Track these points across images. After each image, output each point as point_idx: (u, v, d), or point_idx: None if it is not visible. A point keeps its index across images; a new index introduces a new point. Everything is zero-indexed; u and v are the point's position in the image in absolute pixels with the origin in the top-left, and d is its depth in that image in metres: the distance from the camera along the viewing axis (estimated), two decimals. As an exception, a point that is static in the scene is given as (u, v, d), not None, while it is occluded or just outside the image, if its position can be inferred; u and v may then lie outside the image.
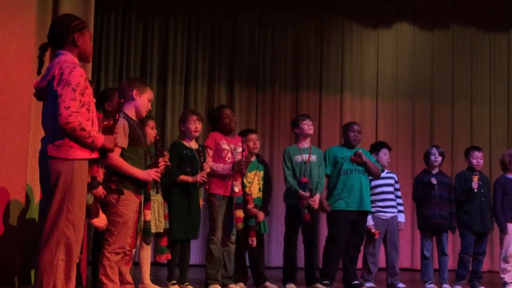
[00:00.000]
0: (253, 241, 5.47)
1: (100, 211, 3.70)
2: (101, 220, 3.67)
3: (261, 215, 5.65)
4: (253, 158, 5.77)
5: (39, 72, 3.26)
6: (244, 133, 5.85)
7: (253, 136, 5.80)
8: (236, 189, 5.26)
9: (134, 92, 3.85)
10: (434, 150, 6.43)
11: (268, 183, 5.90)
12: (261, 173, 5.76)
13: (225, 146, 5.36)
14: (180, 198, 5.10)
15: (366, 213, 5.89)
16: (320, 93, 9.09)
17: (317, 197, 5.72)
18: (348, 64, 9.20)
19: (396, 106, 9.25)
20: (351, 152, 5.88)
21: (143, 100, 3.88)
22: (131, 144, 3.76)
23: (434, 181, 6.16)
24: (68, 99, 3.02)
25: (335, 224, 5.79)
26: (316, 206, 5.68)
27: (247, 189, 5.55)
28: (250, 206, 5.50)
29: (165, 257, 4.96)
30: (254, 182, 5.66)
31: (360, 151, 5.87)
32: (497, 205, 6.42)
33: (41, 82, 3.17)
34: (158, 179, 3.95)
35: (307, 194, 5.62)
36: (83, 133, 3.07)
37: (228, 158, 5.34)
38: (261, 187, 5.75)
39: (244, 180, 5.54)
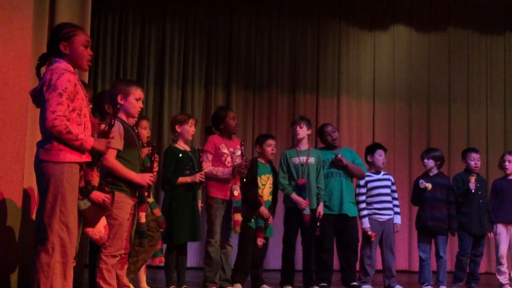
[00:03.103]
0: (261, 242, 5.52)
1: (99, 223, 3.68)
2: (95, 232, 3.65)
3: (271, 218, 5.68)
4: (266, 163, 5.84)
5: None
6: (262, 138, 5.92)
7: (271, 141, 5.87)
8: (236, 193, 5.27)
9: (119, 98, 3.83)
10: (423, 155, 6.50)
11: (276, 189, 5.93)
12: (273, 178, 5.82)
13: (225, 150, 5.36)
14: (183, 202, 5.10)
15: (348, 216, 5.92)
16: (317, 95, 9.09)
17: (320, 206, 5.77)
18: (345, 67, 9.21)
19: (393, 108, 9.26)
20: (333, 154, 5.95)
21: (130, 102, 3.86)
22: (126, 146, 3.77)
23: (422, 185, 6.19)
24: (54, 104, 3.07)
25: (320, 229, 5.81)
26: (320, 216, 5.76)
27: (259, 191, 5.61)
28: (263, 207, 5.54)
29: (158, 261, 4.96)
30: (267, 185, 5.70)
31: (340, 155, 5.90)
32: (491, 206, 6.47)
33: (36, 88, 3.23)
34: (152, 184, 3.95)
35: (300, 199, 5.65)
36: (69, 136, 3.10)
37: (228, 162, 5.34)
38: (272, 191, 5.79)
39: (258, 181, 5.62)
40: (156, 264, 5.02)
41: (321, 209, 5.78)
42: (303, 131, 5.91)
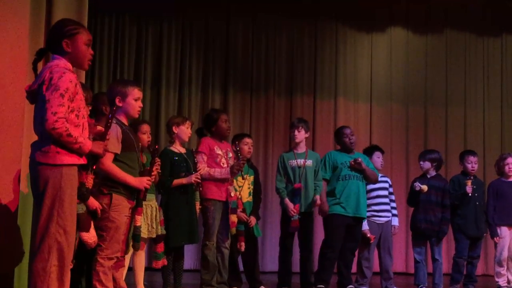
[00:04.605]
0: (242, 246, 5.50)
1: (92, 227, 3.66)
2: (90, 236, 3.63)
3: (252, 220, 5.67)
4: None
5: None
6: (239, 137, 5.88)
7: (248, 140, 5.85)
8: (232, 194, 5.26)
9: (117, 100, 3.79)
10: (419, 157, 6.50)
11: (258, 187, 5.92)
12: (251, 178, 5.80)
13: (219, 151, 5.35)
14: (179, 205, 5.09)
15: (361, 219, 5.90)
16: (314, 97, 9.09)
17: (317, 198, 5.74)
18: (342, 69, 9.21)
19: (390, 110, 9.26)
20: (349, 157, 5.89)
21: (128, 103, 3.81)
22: (125, 150, 3.74)
23: (417, 187, 6.19)
24: (55, 105, 3.01)
25: (331, 228, 5.81)
26: (317, 205, 5.73)
27: (237, 194, 5.56)
28: (239, 211, 5.52)
29: (161, 263, 4.94)
30: (244, 186, 5.68)
31: (360, 159, 5.88)
32: (489, 208, 6.46)
33: (33, 85, 3.17)
34: (149, 187, 3.92)
35: (290, 206, 5.64)
36: (69, 139, 3.05)
37: (223, 163, 5.33)
38: (251, 191, 5.77)
39: (234, 184, 5.56)
40: (159, 266, 5.00)
41: (318, 199, 5.74)
42: (301, 135, 5.90)
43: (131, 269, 5.00)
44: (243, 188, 5.68)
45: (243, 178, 5.53)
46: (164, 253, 4.98)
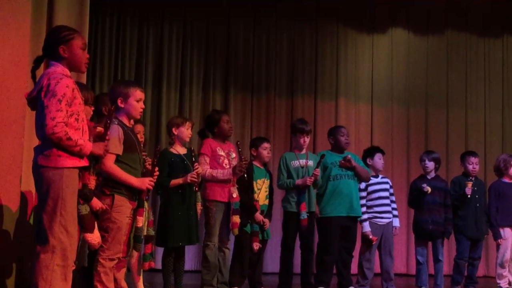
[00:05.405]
0: (257, 246, 5.51)
1: (96, 228, 3.68)
2: (94, 237, 3.65)
3: (267, 223, 5.68)
4: (261, 166, 5.86)
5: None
6: (257, 141, 5.94)
7: (267, 144, 5.90)
8: (234, 195, 5.28)
9: (119, 101, 3.81)
10: (424, 157, 6.47)
11: (272, 191, 5.94)
12: (268, 182, 5.83)
13: (221, 152, 5.38)
14: (177, 205, 5.09)
15: (356, 218, 5.90)
16: (315, 98, 9.08)
17: (317, 170, 5.68)
18: (343, 70, 9.21)
19: (391, 111, 9.25)
20: (339, 157, 5.90)
21: (130, 104, 3.82)
22: (127, 151, 3.75)
23: (425, 188, 6.17)
24: (54, 110, 3.09)
25: (325, 231, 5.80)
26: (317, 176, 5.69)
27: (255, 196, 5.60)
28: (257, 214, 5.54)
29: (148, 265, 4.90)
30: (262, 189, 5.71)
31: (349, 156, 5.89)
32: (491, 210, 6.46)
33: (32, 92, 3.27)
34: (151, 188, 3.92)
35: (305, 178, 5.65)
36: (69, 142, 3.13)
37: (226, 164, 5.34)
38: (268, 195, 5.80)
39: (254, 185, 5.61)
40: (146, 268, 4.96)
41: (317, 171, 5.71)
42: (308, 140, 5.95)
43: (129, 270, 4.99)
44: (261, 191, 5.71)
45: (246, 178, 5.51)
46: (151, 254, 4.97)
